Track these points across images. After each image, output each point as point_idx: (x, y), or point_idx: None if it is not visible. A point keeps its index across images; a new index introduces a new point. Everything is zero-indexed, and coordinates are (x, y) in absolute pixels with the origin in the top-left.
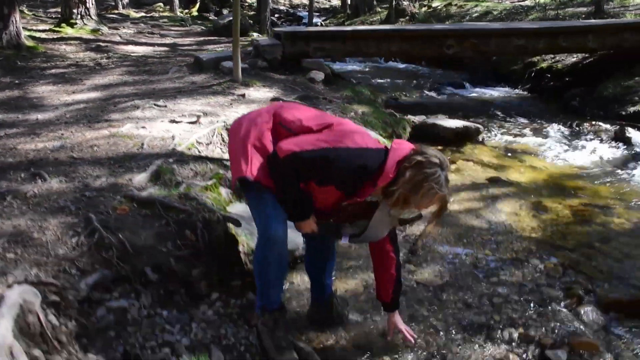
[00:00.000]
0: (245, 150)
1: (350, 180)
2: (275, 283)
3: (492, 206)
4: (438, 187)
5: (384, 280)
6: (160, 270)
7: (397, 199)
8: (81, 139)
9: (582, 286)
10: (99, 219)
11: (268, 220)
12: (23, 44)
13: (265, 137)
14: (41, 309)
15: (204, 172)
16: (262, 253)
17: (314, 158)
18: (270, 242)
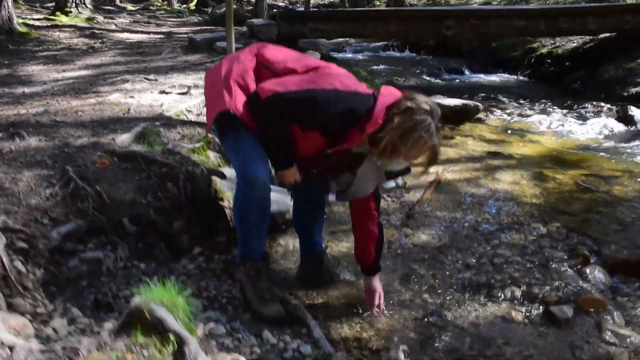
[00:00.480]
0: (228, 84)
1: (336, 125)
2: (257, 230)
3: (492, 176)
4: (428, 136)
5: (366, 239)
6: (139, 222)
7: (384, 147)
8: (66, 106)
9: (587, 247)
10: (75, 171)
11: (248, 161)
12: (15, 29)
13: (249, 75)
14: (5, 253)
15: (191, 136)
16: (243, 197)
17: (299, 99)
18: (251, 184)
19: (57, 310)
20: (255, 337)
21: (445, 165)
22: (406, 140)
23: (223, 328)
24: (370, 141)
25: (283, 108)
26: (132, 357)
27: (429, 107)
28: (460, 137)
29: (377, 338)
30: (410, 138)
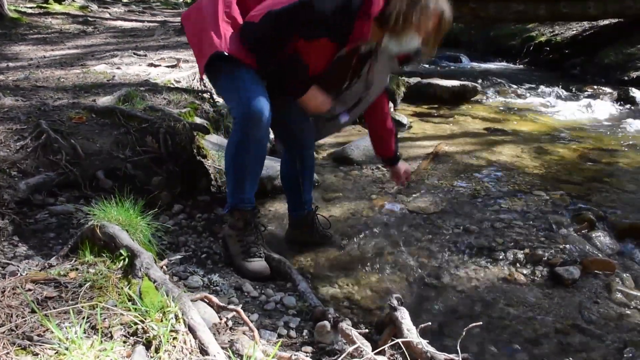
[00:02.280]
0: (216, 25)
1: (338, 20)
2: (250, 175)
3: (492, 149)
4: (435, 1)
5: (384, 136)
6: (116, 177)
7: (395, 20)
8: (49, 75)
9: (593, 213)
10: (49, 124)
11: (248, 95)
12: (6, 14)
13: (234, 10)
14: None
15: (178, 101)
16: (241, 135)
17: (292, 8)
18: (252, 119)
19: (17, 257)
20: (235, 290)
21: (443, 140)
22: (415, 5)
23: (200, 280)
24: (380, 22)
25: (280, 23)
26: (75, 274)
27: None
28: (458, 115)
29: (370, 297)
30: (418, 3)
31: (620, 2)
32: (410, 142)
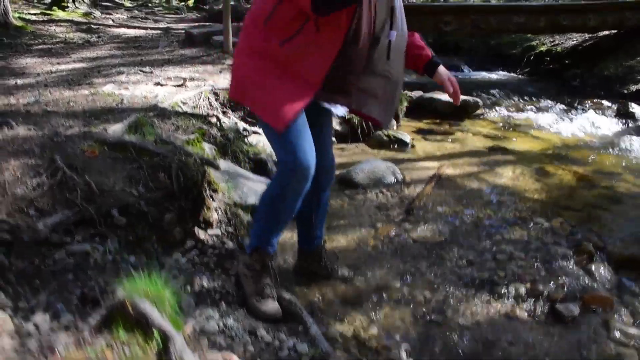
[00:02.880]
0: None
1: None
2: (280, 225)
3: (493, 171)
4: None
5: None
6: (130, 214)
7: None
8: (58, 96)
9: (592, 243)
10: (64, 159)
11: (295, 146)
12: (11, 22)
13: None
14: None
15: (186, 127)
16: (283, 184)
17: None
18: (297, 172)
19: (40, 304)
20: (249, 335)
21: (445, 161)
22: None
23: (215, 325)
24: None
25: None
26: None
27: None
28: (460, 132)
29: (377, 336)
30: None
31: (620, 14)
32: (413, 163)
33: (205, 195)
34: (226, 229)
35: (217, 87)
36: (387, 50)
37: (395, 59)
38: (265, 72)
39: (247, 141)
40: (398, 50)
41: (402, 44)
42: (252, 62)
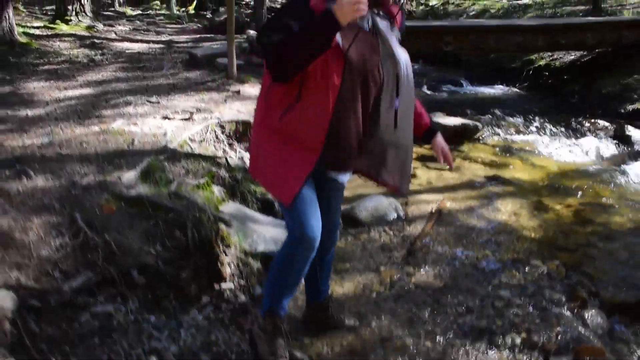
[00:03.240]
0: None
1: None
2: (291, 288)
3: (492, 205)
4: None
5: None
6: (148, 273)
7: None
8: (70, 135)
9: (585, 288)
10: (84, 218)
11: (305, 220)
12: (16, 40)
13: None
14: (19, 315)
15: (196, 170)
16: (288, 253)
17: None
18: (305, 244)
19: None
20: None
21: (445, 193)
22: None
23: None
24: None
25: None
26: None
27: None
28: (460, 159)
29: None
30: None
31: (617, 32)
32: (415, 195)
33: (218, 251)
34: (238, 281)
35: (223, 120)
36: (395, 120)
37: (403, 126)
38: (270, 147)
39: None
40: (406, 117)
41: (409, 111)
42: (261, 137)
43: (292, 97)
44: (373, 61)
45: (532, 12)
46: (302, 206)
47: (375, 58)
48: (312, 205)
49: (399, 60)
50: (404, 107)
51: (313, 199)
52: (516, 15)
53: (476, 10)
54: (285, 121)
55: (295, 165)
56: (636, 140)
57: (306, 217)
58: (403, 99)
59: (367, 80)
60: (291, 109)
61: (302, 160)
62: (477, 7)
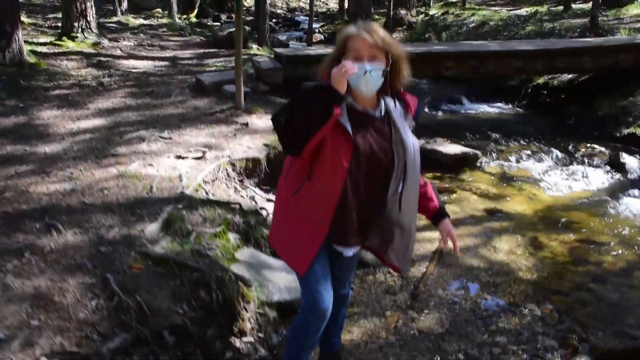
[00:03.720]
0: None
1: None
2: (308, 350)
3: (490, 243)
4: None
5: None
6: (177, 332)
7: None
8: (91, 179)
9: (577, 334)
10: (116, 280)
11: (317, 294)
12: (25, 60)
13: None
14: None
15: (212, 218)
16: (305, 322)
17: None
18: (317, 315)
19: None
20: None
21: None
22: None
23: None
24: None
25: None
26: None
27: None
28: (460, 190)
29: None
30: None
31: (613, 56)
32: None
33: (240, 308)
34: (257, 334)
35: (234, 158)
36: (399, 202)
37: (406, 210)
38: (287, 222)
39: (267, 222)
40: (410, 203)
41: (414, 196)
42: (279, 209)
43: (305, 176)
44: (382, 147)
45: (530, 27)
46: (314, 279)
47: (384, 144)
48: (324, 277)
49: (408, 147)
50: (409, 191)
51: (325, 271)
52: (515, 29)
53: (475, 21)
54: (297, 197)
55: (307, 239)
56: (630, 169)
57: (318, 290)
58: (408, 184)
59: (375, 165)
60: (303, 187)
61: (313, 234)
62: (477, 18)
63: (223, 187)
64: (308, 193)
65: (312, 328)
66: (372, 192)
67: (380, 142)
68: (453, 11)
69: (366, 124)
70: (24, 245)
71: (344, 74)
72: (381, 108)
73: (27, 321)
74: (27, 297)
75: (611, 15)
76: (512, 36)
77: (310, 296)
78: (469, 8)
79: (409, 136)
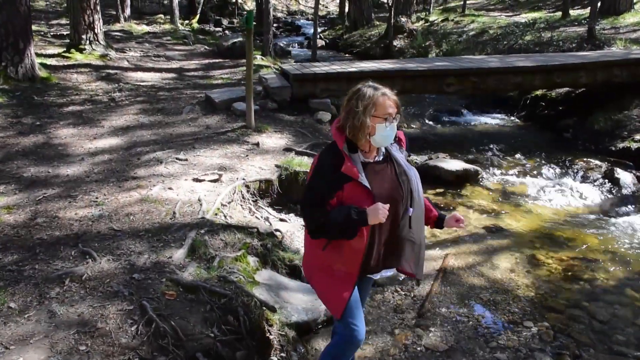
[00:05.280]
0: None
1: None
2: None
3: (490, 261)
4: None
5: (429, 211)
6: (209, 355)
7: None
8: (116, 204)
9: (570, 352)
10: (152, 307)
11: (355, 327)
12: (37, 75)
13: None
14: None
15: (232, 243)
16: (342, 351)
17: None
18: (353, 345)
19: None
20: None
21: (449, 249)
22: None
23: None
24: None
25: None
26: None
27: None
28: (461, 206)
29: None
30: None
31: (608, 71)
32: None
33: (265, 331)
34: (280, 354)
35: (248, 180)
36: (409, 222)
37: (416, 228)
38: (321, 275)
39: (282, 244)
40: (418, 220)
41: (420, 215)
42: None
43: None
44: (393, 186)
45: (529, 36)
46: (352, 316)
47: (393, 182)
48: (357, 309)
49: (411, 177)
50: (416, 211)
51: (359, 305)
52: (514, 38)
53: (475, 29)
54: (328, 250)
55: (341, 285)
56: (624, 184)
57: (355, 323)
58: (415, 206)
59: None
60: (331, 244)
61: (345, 280)
62: (476, 26)
63: (239, 209)
64: (336, 250)
65: (347, 355)
66: (391, 226)
67: (390, 182)
68: (453, 17)
69: (377, 171)
70: (63, 273)
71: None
72: (382, 151)
73: (76, 347)
74: (73, 324)
75: (608, 23)
76: (512, 45)
77: (347, 328)
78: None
79: (409, 167)
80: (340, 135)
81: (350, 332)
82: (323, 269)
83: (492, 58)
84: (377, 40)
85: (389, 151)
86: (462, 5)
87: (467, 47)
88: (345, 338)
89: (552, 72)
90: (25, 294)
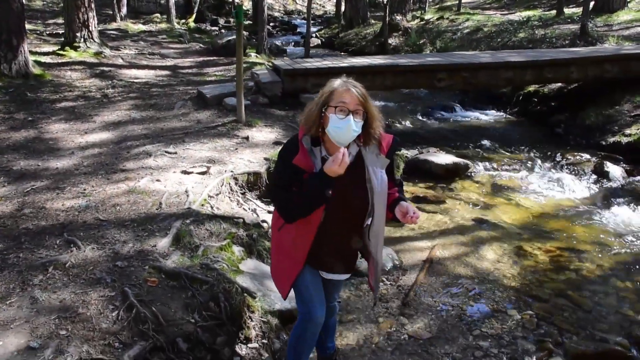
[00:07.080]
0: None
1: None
2: (307, 352)
3: (477, 252)
4: (330, 84)
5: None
6: (190, 340)
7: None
8: (103, 195)
9: (553, 339)
10: (134, 293)
11: (311, 305)
12: (31, 72)
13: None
14: None
15: (218, 232)
16: (301, 329)
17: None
18: (311, 324)
19: None
20: None
21: (437, 239)
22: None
23: None
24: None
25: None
26: None
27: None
28: (450, 199)
29: None
30: (323, 96)
31: (600, 67)
32: (409, 243)
33: (246, 318)
34: (261, 341)
35: (236, 172)
36: (367, 234)
37: (374, 241)
38: (274, 251)
39: (269, 234)
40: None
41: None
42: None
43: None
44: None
45: (522, 33)
46: (307, 293)
47: (356, 186)
48: (317, 291)
49: (374, 186)
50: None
51: (318, 287)
52: (508, 36)
53: (470, 27)
54: (282, 232)
55: (286, 270)
56: (613, 177)
57: (312, 302)
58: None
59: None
60: (285, 226)
61: (290, 267)
62: (471, 24)
63: (226, 201)
64: (288, 233)
65: (309, 336)
66: (346, 228)
67: (352, 185)
68: (448, 16)
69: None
70: (47, 261)
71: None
72: (351, 152)
73: (56, 331)
74: (55, 309)
75: (601, 21)
76: (505, 43)
77: (305, 307)
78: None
79: (377, 173)
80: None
81: (306, 310)
82: (277, 250)
83: (483, 54)
84: (373, 39)
85: (363, 156)
86: (458, 4)
87: (461, 45)
88: (302, 316)
89: (543, 68)
90: (8, 281)
